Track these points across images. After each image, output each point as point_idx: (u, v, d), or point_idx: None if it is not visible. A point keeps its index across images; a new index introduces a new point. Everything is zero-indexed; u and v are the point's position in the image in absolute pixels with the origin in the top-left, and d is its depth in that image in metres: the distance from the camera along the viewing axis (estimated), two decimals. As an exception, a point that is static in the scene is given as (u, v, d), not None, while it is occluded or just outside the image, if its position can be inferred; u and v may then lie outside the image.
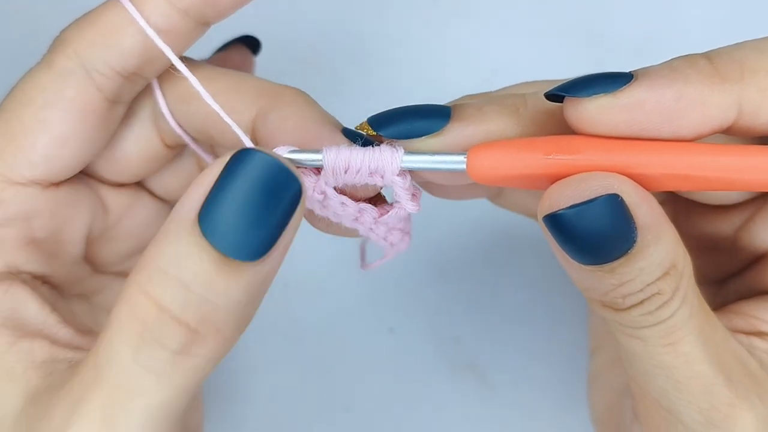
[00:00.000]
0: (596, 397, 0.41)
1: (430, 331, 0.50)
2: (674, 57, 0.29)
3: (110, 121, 0.33)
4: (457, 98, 0.36)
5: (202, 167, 0.38)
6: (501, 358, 0.49)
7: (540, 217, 0.28)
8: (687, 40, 0.52)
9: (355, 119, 0.32)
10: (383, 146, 0.30)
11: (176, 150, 0.36)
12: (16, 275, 0.32)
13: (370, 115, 0.31)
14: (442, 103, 0.32)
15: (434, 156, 0.30)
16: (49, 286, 0.33)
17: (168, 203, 0.39)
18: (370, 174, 0.30)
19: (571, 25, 0.54)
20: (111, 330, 0.27)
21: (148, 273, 0.26)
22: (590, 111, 0.28)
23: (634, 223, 0.27)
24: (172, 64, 0.32)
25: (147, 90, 0.34)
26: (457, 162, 0.29)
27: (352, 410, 0.49)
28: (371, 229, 0.33)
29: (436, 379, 0.49)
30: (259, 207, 0.26)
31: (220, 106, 0.31)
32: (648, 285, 0.28)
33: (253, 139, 0.32)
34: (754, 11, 0.54)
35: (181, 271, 0.26)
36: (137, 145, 0.35)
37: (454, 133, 0.30)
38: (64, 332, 0.32)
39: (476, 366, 0.49)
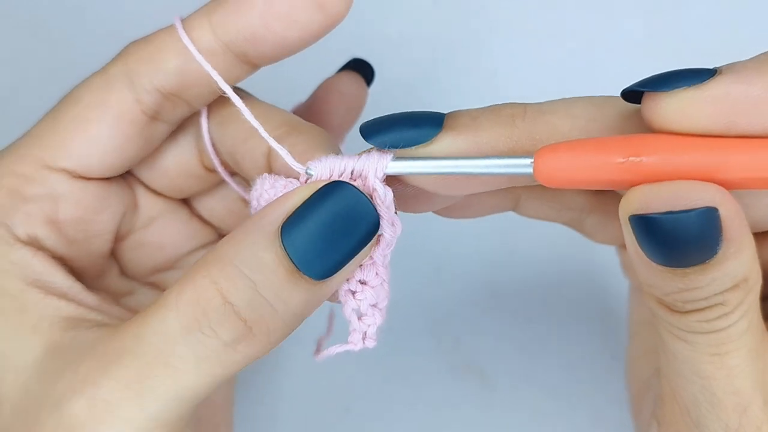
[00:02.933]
0: (630, 381, 0.42)
1: (430, 331, 0.50)
2: (763, 52, 0.28)
3: (148, 135, 0.34)
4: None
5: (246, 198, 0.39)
6: (501, 358, 0.49)
7: (626, 214, 0.27)
8: (687, 41, 0.52)
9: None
10: (373, 151, 0.30)
11: (218, 174, 0.37)
12: (37, 246, 0.33)
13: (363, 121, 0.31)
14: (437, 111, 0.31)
15: (499, 159, 0.29)
16: (70, 269, 0.35)
17: (211, 226, 0.40)
18: (353, 178, 0.29)
19: (572, 25, 0.54)
20: (166, 307, 0.29)
21: (221, 266, 0.28)
22: (672, 105, 0.27)
23: (722, 235, 0.26)
24: (222, 90, 0.32)
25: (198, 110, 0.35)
26: (523, 165, 0.28)
27: (352, 410, 0.49)
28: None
29: (436, 379, 0.49)
30: (339, 232, 0.28)
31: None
32: (716, 294, 0.27)
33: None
34: (754, 11, 0.54)
35: (254, 272, 0.28)
36: (176, 161, 0.36)
37: (444, 143, 0.30)
38: (90, 298, 0.33)
39: (476, 366, 0.49)
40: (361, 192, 0.29)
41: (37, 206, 0.33)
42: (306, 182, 0.30)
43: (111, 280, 0.38)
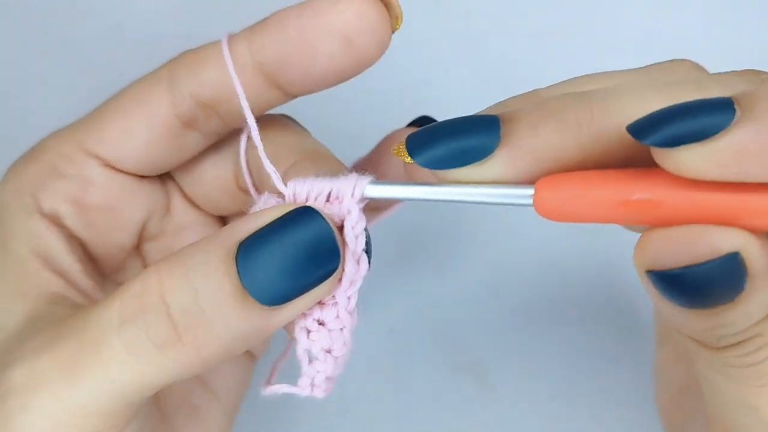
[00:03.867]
0: (660, 389, 0.41)
1: (430, 331, 0.50)
2: None
3: (179, 141, 0.35)
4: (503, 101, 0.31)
5: None
6: (501, 359, 0.49)
7: (641, 269, 0.26)
8: (687, 40, 0.52)
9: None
10: (350, 175, 0.28)
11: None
12: (56, 221, 0.34)
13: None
14: (488, 114, 0.28)
15: (495, 189, 0.26)
16: (85, 253, 0.35)
17: None
18: (329, 200, 0.28)
19: (573, 24, 0.54)
20: (115, 296, 0.28)
21: (170, 266, 0.27)
22: (679, 160, 0.23)
23: (747, 274, 0.24)
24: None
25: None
26: (522, 197, 0.26)
27: (352, 410, 0.49)
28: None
29: (436, 379, 0.49)
30: (296, 263, 0.27)
31: (272, 154, 0.32)
32: (749, 327, 0.26)
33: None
34: (753, 11, 0.54)
35: (199, 281, 0.27)
36: (214, 174, 0.37)
37: (500, 166, 0.27)
38: (84, 281, 0.34)
39: (476, 366, 0.49)
40: (329, 226, 0.27)
41: (68, 184, 0.34)
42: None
43: (131, 275, 0.38)
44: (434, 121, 0.39)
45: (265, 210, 0.28)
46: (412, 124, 0.41)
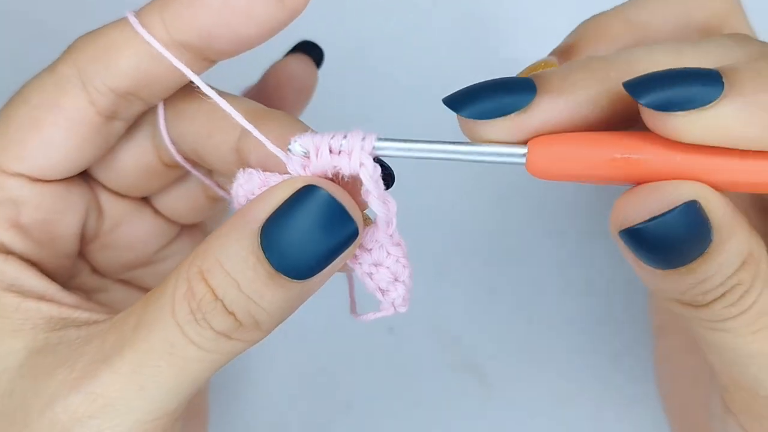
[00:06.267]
0: (667, 382, 0.41)
1: (430, 331, 0.50)
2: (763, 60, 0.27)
3: (104, 135, 0.33)
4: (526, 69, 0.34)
5: (207, 193, 0.39)
6: (501, 358, 0.49)
7: (614, 231, 0.28)
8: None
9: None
10: (353, 131, 0.29)
11: (177, 170, 0.37)
12: (5, 251, 0.33)
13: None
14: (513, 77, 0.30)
15: (491, 147, 0.28)
16: (41, 271, 0.34)
17: (174, 224, 0.39)
18: (336, 152, 0.29)
19: (572, 24, 0.54)
20: (163, 299, 0.29)
21: (209, 264, 0.29)
22: (669, 125, 0.26)
23: (710, 224, 0.26)
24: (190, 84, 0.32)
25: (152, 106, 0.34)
26: (515, 156, 0.28)
27: (352, 409, 0.49)
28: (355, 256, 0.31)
29: (436, 379, 0.49)
30: (315, 239, 0.28)
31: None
32: (728, 278, 0.28)
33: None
34: (754, 10, 0.54)
35: (237, 273, 0.28)
36: (134, 159, 0.36)
37: (543, 107, 0.28)
38: (69, 298, 0.33)
39: (476, 365, 0.49)
40: (334, 198, 0.28)
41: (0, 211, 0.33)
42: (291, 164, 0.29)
43: (83, 279, 0.37)
44: (315, 44, 0.42)
45: (276, 187, 0.29)
46: (294, 49, 0.42)
